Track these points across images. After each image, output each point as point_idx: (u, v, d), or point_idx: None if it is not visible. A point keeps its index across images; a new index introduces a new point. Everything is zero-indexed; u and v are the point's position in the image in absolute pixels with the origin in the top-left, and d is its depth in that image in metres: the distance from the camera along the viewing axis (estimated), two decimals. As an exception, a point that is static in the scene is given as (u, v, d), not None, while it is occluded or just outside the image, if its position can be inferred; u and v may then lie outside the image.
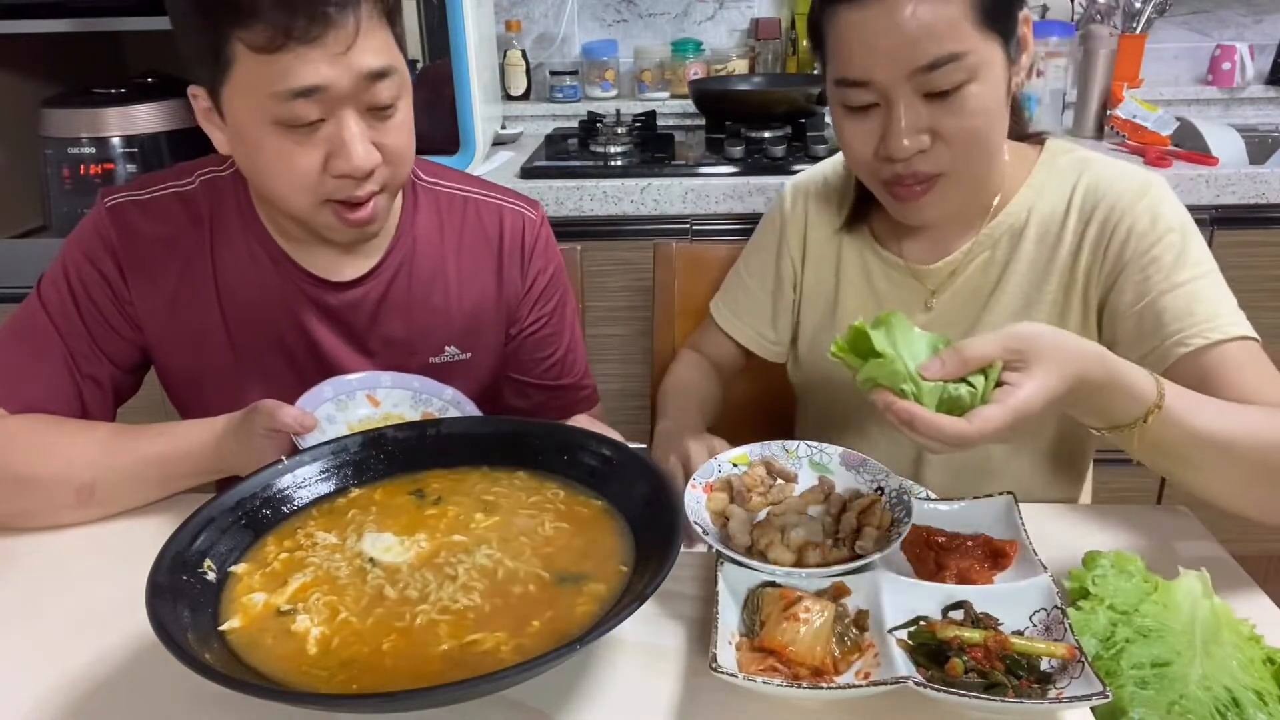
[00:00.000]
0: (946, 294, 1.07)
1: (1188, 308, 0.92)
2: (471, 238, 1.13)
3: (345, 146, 0.90)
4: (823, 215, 1.16)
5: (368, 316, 1.09)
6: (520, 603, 0.71)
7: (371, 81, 0.89)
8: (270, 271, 1.05)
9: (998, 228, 1.04)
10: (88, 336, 1.04)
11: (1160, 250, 0.95)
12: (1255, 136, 2.15)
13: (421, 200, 1.11)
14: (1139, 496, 1.97)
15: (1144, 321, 0.95)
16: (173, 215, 1.05)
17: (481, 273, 1.13)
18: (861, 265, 1.12)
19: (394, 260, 1.09)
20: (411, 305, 1.10)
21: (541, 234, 1.16)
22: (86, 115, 1.82)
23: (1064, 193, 1.02)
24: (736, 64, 2.45)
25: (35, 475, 0.95)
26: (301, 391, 1.01)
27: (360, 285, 1.07)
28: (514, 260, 1.14)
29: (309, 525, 0.81)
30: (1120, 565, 0.77)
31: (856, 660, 0.70)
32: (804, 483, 0.90)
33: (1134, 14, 2.18)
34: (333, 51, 0.86)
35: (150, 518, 0.98)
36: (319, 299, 1.07)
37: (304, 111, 0.88)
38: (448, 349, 1.12)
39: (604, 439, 0.86)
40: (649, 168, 1.94)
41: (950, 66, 0.88)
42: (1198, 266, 0.94)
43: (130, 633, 0.79)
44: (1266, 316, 0.88)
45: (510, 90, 2.46)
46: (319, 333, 1.07)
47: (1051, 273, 1.02)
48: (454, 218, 1.13)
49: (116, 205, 1.05)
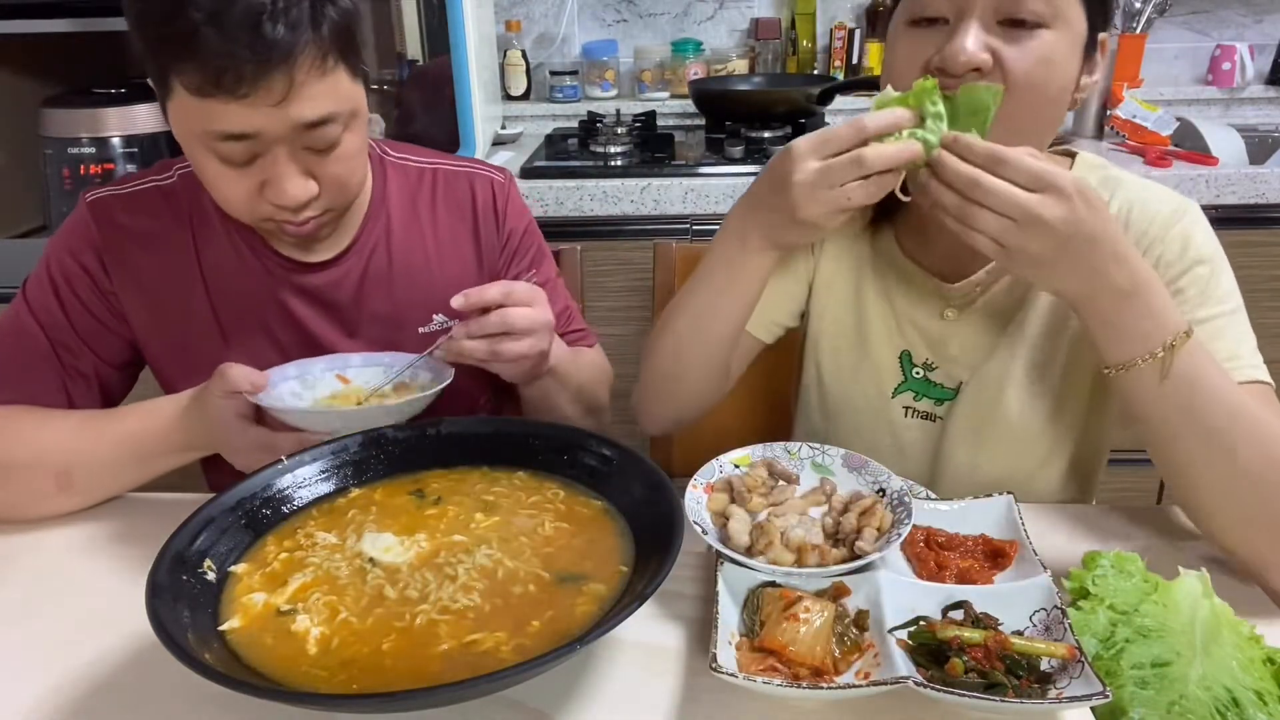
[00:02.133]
0: (970, 309, 1.02)
1: (1214, 345, 0.87)
2: (444, 206, 1.15)
3: (276, 183, 0.90)
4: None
5: (351, 294, 1.10)
6: (520, 603, 0.71)
7: (308, 129, 0.89)
8: (250, 259, 1.06)
9: None
10: (73, 332, 1.04)
11: (1186, 282, 0.91)
12: (1255, 136, 2.15)
13: (390, 175, 1.13)
14: (1139, 496, 1.97)
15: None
16: (154, 209, 1.06)
17: (459, 239, 1.15)
18: (882, 273, 1.07)
19: (370, 236, 1.10)
20: (393, 278, 1.11)
21: (511, 194, 1.19)
22: (86, 115, 1.82)
23: None
24: (736, 64, 2.45)
25: (11, 463, 0.96)
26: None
27: (339, 264, 1.09)
28: (488, 222, 1.16)
29: (309, 525, 0.81)
30: (1120, 565, 0.77)
31: (856, 660, 0.70)
32: (806, 484, 0.89)
33: (1134, 14, 2.18)
34: (264, 104, 0.85)
35: (150, 518, 0.97)
36: (299, 282, 1.08)
37: (232, 151, 0.89)
38: (436, 317, 1.13)
39: (604, 439, 0.86)
40: (649, 168, 1.94)
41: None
42: (1223, 303, 0.91)
43: (130, 633, 0.79)
44: (1267, 316, 0.88)
45: (510, 90, 2.46)
46: (304, 315, 1.08)
47: None
48: (425, 189, 1.15)
49: (97, 200, 1.06)
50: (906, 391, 1.06)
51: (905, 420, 1.07)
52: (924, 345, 1.05)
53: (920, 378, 1.06)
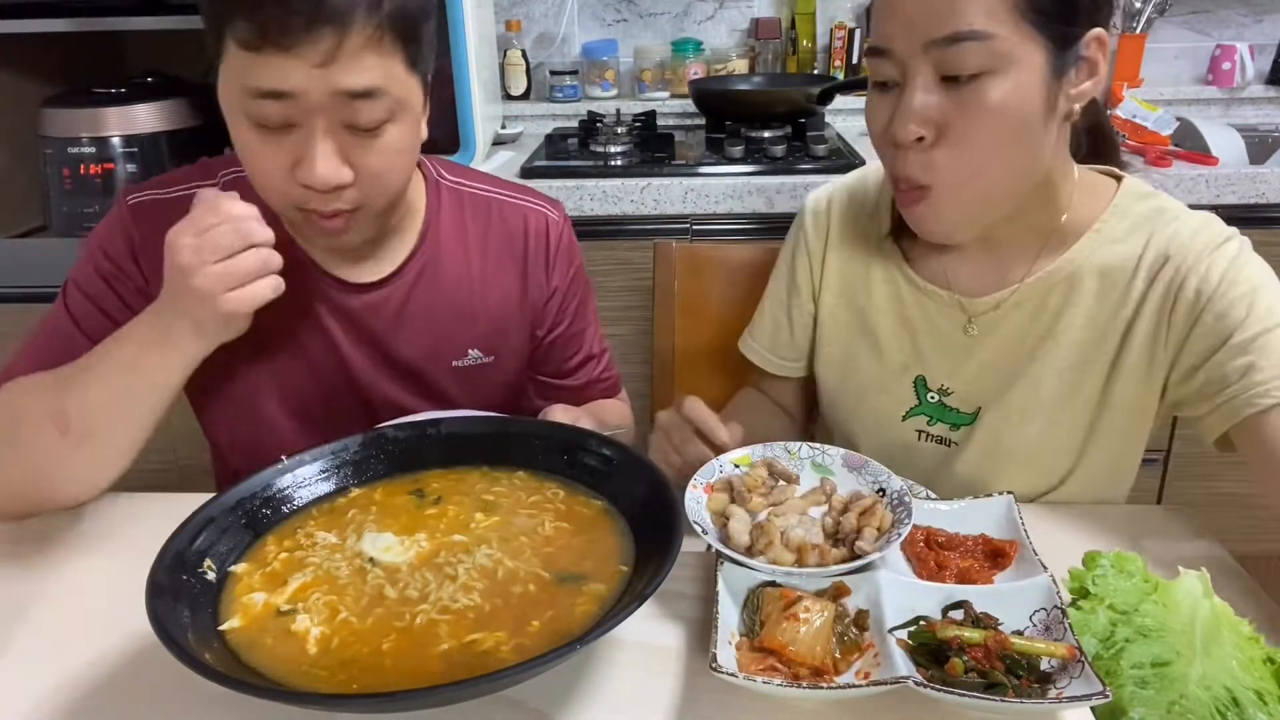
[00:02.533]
0: (993, 330, 0.99)
1: (1257, 363, 0.85)
2: (496, 239, 1.12)
3: (308, 159, 0.88)
4: (847, 236, 1.09)
5: (390, 319, 1.08)
6: (520, 603, 0.71)
7: (351, 100, 0.87)
8: (291, 274, 1.03)
9: (1054, 273, 0.96)
10: (110, 330, 1.02)
11: (1226, 305, 0.88)
12: (1255, 136, 2.15)
13: (445, 200, 1.11)
14: (1139, 496, 1.97)
15: (1210, 377, 0.88)
16: None
17: (505, 274, 1.12)
18: (892, 290, 1.05)
19: (418, 262, 1.08)
20: (435, 308, 1.09)
21: (565, 234, 1.16)
22: (86, 115, 1.82)
23: (1135, 248, 0.94)
24: (736, 64, 2.45)
25: (15, 418, 0.94)
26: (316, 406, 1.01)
27: (383, 287, 1.06)
28: (538, 262, 1.13)
29: (309, 525, 0.81)
30: (1120, 565, 0.77)
31: (856, 660, 0.70)
32: (806, 484, 0.89)
33: (1134, 14, 2.18)
34: (310, 62, 0.84)
35: (150, 518, 0.97)
36: (341, 302, 1.05)
37: (271, 112, 0.87)
38: (471, 352, 1.11)
39: (604, 439, 0.86)
40: (649, 168, 1.94)
41: (971, 46, 0.80)
42: (1268, 317, 0.86)
43: (130, 633, 0.79)
44: (1267, 316, 0.88)
45: (510, 90, 2.46)
46: (339, 337, 1.06)
47: (1111, 332, 0.95)
48: (479, 219, 1.12)
49: (139, 203, 1.03)
50: (920, 415, 1.05)
51: (919, 444, 1.06)
52: (943, 365, 1.03)
53: (935, 402, 1.04)
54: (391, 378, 1.10)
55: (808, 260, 1.12)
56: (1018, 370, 0.98)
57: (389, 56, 0.88)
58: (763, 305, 1.19)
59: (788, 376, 1.18)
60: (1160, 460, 1.98)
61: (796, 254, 1.13)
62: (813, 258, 1.12)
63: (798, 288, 1.13)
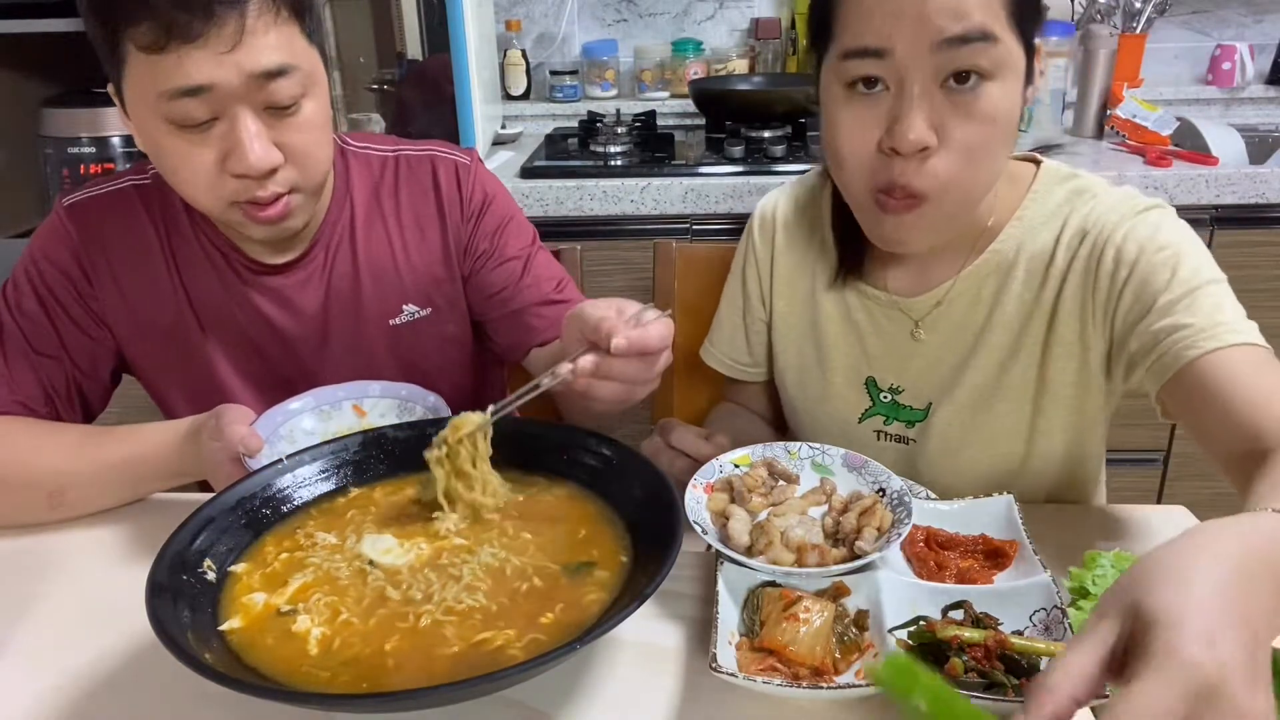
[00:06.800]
0: (934, 328, 1.00)
1: (1185, 319, 0.84)
2: (408, 193, 1.13)
3: (239, 146, 0.89)
4: (794, 242, 1.09)
5: (317, 294, 1.09)
6: (528, 598, 0.71)
7: (266, 80, 0.88)
8: (221, 263, 1.06)
9: (984, 265, 0.97)
10: (55, 337, 1.04)
11: (1148, 271, 0.88)
12: (1255, 136, 2.15)
13: (353, 166, 1.11)
14: (1139, 496, 1.97)
15: (1142, 344, 0.87)
16: (130, 209, 1.05)
17: (425, 226, 1.13)
18: (839, 298, 1.06)
19: (332, 234, 1.09)
20: (359, 272, 1.10)
21: (476, 172, 1.15)
22: (86, 115, 1.83)
23: (1054, 229, 0.95)
24: (736, 64, 2.45)
25: (4, 479, 0.96)
26: (271, 381, 1.03)
27: (302, 265, 1.08)
28: (453, 204, 1.13)
29: (308, 525, 0.81)
30: (1120, 565, 0.77)
31: (856, 660, 0.70)
32: (806, 484, 0.89)
33: (1134, 14, 2.18)
34: (217, 50, 0.85)
35: (150, 518, 0.98)
36: (268, 285, 1.07)
37: (193, 111, 0.87)
38: (406, 308, 1.12)
39: (604, 439, 0.86)
40: (649, 167, 1.94)
41: (980, 46, 0.79)
42: (1189, 282, 0.86)
43: (130, 633, 0.79)
44: (1267, 316, 0.87)
45: (510, 90, 2.46)
46: (273, 316, 1.08)
47: (1037, 314, 0.96)
48: (388, 177, 1.13)
49: (75, 204, 1.06)
50: (876, 416, 1.06)
51: (879, 444, 1.07)
52: (890, 365, 1.04)
53: (889, 401, 1.05)
54: (334, 344, 1.11)
55: (756, 269, 1.13)
56: (960, 362, 1.00)
57: (287, 27, 0.89)
58: (720, 313, 1.19)
59: (751, 381, 1.19)
60: (1160, 460, 1.98)
61: (747, 263, 1.14)
62: (760, 266, 1.12)
63: (749, 296, 1.14)
